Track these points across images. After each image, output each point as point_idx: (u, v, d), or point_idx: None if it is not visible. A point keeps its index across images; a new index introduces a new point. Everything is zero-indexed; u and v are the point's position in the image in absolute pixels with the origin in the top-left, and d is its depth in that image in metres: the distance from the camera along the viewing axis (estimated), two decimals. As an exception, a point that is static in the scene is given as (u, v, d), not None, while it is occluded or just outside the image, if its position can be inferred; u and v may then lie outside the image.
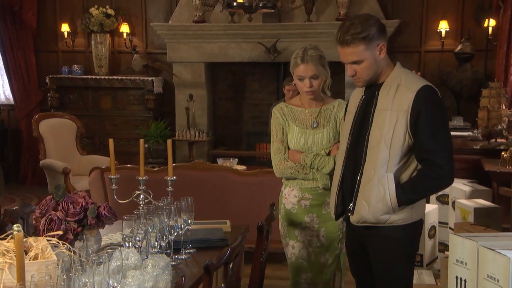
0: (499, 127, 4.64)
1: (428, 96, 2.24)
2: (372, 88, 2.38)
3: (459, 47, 6.83)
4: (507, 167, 3.78)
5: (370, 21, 2.29)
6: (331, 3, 6.91)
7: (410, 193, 2.29)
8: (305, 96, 2.86)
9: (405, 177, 2.31)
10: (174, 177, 2.59)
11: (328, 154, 2.82)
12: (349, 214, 2.41)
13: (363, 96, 2.43)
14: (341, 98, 3.05)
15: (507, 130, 4.48)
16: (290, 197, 2.89)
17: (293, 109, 2.90)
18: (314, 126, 2.85)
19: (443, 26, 7.02)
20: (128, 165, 4.44)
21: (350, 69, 2.34)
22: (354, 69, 2.33)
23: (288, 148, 2.87)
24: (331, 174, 2.72)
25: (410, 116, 2.23)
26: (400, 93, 2.27)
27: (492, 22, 6.62)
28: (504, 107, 4.88)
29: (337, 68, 7.01)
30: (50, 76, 7.62)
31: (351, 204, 2.40)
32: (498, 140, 4.65)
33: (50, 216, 1.99)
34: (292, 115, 2.88)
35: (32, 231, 2.14)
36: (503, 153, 3.90)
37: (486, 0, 6.71)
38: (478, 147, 4.63)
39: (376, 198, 2.29)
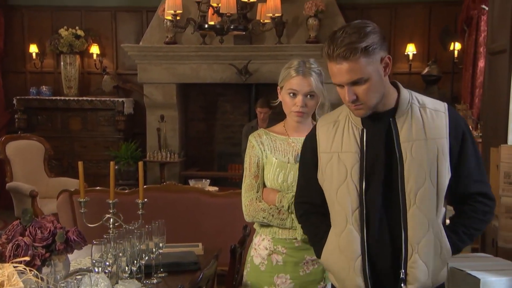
0: (466, 148, 4.72)
1: (460, 116, 1.87)
2: (376, 117, 1.82)
3: (426, 70, 6.99)
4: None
5: (368, 28, 1.74)
6: (301, 26, 7.02)
7: (467, 238, 1.84)
8: (292, 120, 2.31)
9: (442, 219, 1.84)
10: (146, 199, 2.55)
11: None
12: (402, 285, 1.79)
13: (363, 130, 1.84)
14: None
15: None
16: (260, 248, 2.33)
17: (274, 137, 2.34)
18: (298, 159, 2.23)
19: (411, 49, 7.19)
20: (98, 188, 4.36)
21: (349, 92, 1.75)
22: (354, 92, 1.74)
23: (264, 186, 2.32)
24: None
25: (451, 143, 1.79)
26: (428, 116, 1.80)
27: (457, 46, 6.81)
28: (471, 128, 4.99)
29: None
30: (18, 97, 7.49)
31: (401, 271, 1.79)
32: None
33: (17, 242, 1.93)
34: (272, 145, 2.33)
35: (-2, 257, 2.08)
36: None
37: (451, 24, 6.90)
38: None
39: (435, 256, 1.78)
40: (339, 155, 1.85)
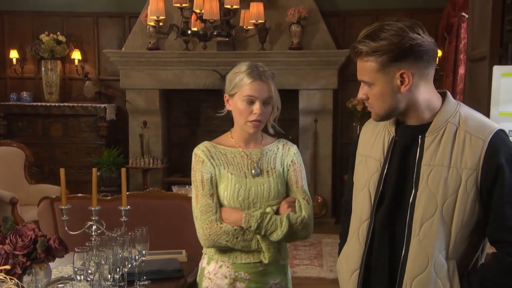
0: (447, 154, 4.78)
1: (508, 147, 1.56)
2: (410, 130, 1.66)
3: (407, 76, 7.06)
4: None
5: (401, 35, 1.54)
6: (284, 33, 7.05)
7: None
8: (245, 131, 2.12)
9: (470, 264, 1.62)
10: (128, 206, 2.53)
11: (276, 213, 2.08)
12: None
13: (395, 138, 1.68)
14: (296, 126, 2.55)
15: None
16: (217, 278, 2.11)
17: (223, 150, 2.14)
18: (255, 173, 2.10)
19: (392, 56, 7.25)
20: (80, 194, 4.31)
21: (361, 90, 1.67)
22: (364, 92, 1.65)
23: (220, 205, 2.10)
24: (278, 243, 2.05)
25: (481, 177, 1.53)
26: (461, 141, 1.56)
27: (438, 53, 6.89)
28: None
29: (290, 96, 7.20)
30: (-3, 103, 7.41)
31: None
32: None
33: (-3, 250, 1.90)
34: (224, 159, 2.12)
35: (-23, 266, 2.04)
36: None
37: (432, 31, 6.98)
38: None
39: None
40: (367, 160, 1.74)
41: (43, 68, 7.54)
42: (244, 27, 5.28)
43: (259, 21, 5.09)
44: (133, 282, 2.35)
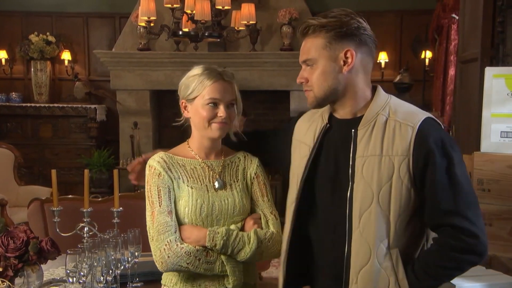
0: (438, 155, 4.80)
1: (439, 133, 1.57)
2: (343, 124, 1.68)
3: (398, 78, 7.09)
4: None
5: (350, 16, 1.63)
6: (275, 34, 7.05)
7: (428, 278, 1.54)
8: (208, 136, 1.90)
9: (416, 252, 1.60)
10: (121, 208, 2.52)
11: (242, 229, 1.89)
12: None
13: (327, 125, 1.71)
14: None
15: (446, 157, 4.65)
16: None
17: (182, 161, 1.91)
18: (218, 187, 1.89)
19: (383, 57, 7.29)
20: (70, 196, 4.28)
21: (301, 73, 1.71)
22: (305, 75, 1.68)
23: (179, 223, 1.87)
24: (245, 264, 1.86)
25: (413, 163, 1.53)
26: (391, 130, 1.58)
27: (428, 54, 6.93)
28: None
29: (281, 97, 7.21)
30: (-14, 104, 7.35)
31: None
32: (438, 167, 4.81)
33: (-12, 252, 1.88)
34: (183, 171, 1.89)
35: (-32, 268, 2.02)
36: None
37: (423, 33, 7.02)
38: (419, 174, 4.77)
39: None
40: (300, 145, 1.78)
41: (32, 69, 7.48)
42: (236, 28, 5.28)
43: (251, 22, 5.09)
44: (125, 284, 2.34)
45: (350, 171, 1.61)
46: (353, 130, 1.63)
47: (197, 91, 1.88)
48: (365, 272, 1.57)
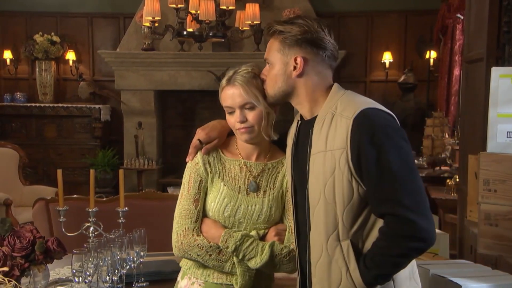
0: (443, 155, 4.80)
1: (372, 122, 1.55)
2: (306, 124, 1.73)
3: (402, 78, 7.08)
4: (452, 194, 3.91)
5: (309, 26, 1.66)
6: (280, 34, 7.04)
7: (375, 267, 1.53)
8: (240, 139, 1.88)
9: (370, 243, 1.59)
10: (126, 208, 2.52)
11: (263, 238, 1.85)
12: None
13: (299, 122, 1.79)
14: None
15: (451, 158, 4.64)
16: None
17: (224, 158, 1.91)
18: (251, 189, 1.87)
19: (387, 57, 7.28)
20: (75, 196, 4.29)
21: (264, 69, 1.80)
22: (265, 72, 1.79)
23: (204, 215, 1.90)
24: (258, 271, 1.83)
25: (350, 155, 1.54)
26: (334, 125, 1.60)
27: (433, 54, 6.92)
28: (447, 136, 5.07)
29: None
30: (-9, 104, 7.37)
31: None
32: (443, 168, 4.81)
33: (-5, 252, 1.89)
34: (221, 168, 1.90)
35: (-26, 268, 2.03)
36: (448, 180, 4.03)
37: (427, 33, 7.01)
38: (424, 175, 4.77)
39: (335, 283, 1.59)
40: (287, 148, 1.85)
41: (37, 69, 7.50)
42: (240, 28, 5.27)
43: (255, 22, 5.08)
44: (131, 284, 2.33)
45: (307, 169, 1.66)
46: (310, 130, 1.68)
47: (220, 94, 1.89)
48: (320, 265, 1.62)
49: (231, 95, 1.82)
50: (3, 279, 1.72)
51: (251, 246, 1.79)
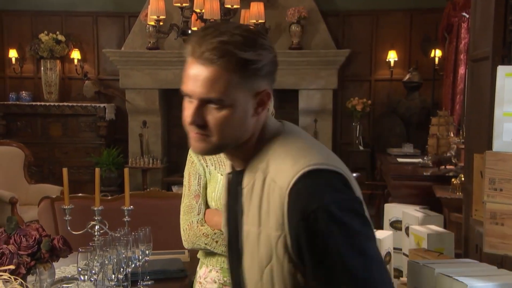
0: (448, 154, 4.79)
1: (313, 198, 1.11)
2: (236, 175, 1.30)
3: (407, 76, 7.07)
4: (457, 193, 3.89)
5: (263, 41, 1.20)
6: (284, 32, 7.05)
7: None
8: None
9: None
10: (131, 206, 2.53)
11: None
12: None
13: (230, 175, 1.34)
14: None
15: (456, 157, 4.63)
16: (206, 282, 2.01)
17: None
18: None
19: (392, 56, 7.26)
20: (80, 194, 4.31)
21: (197, 112, 1.21)
22: (203, 114, 1.20)
23: (207, 207, 2.02)
24: None
25: (290, 243, 1.13)
26: (266, 194, 1.17)
27: (438, 53, 6.90)
28: (452, 134, 5.05)
29: (290, 96, 7.20)
30: (-4, 102, 7.40)
31: None
32: (448, 167, 4.80)
33: (1, 250, 1.89)
34: (216, 159, 2.00)
35: (-19, 266, 2.04)
36: (453, 179, 4.02)
37: (432, 32, 6.99)
38: (429, 174, 4.76)
39: None
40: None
41: (42, 68, 7.53)
42: (245, 27, 5.27)
43: (259, 21, 5.09)
44: (136, 282, 2.34)
45: (240, 243, 1.26)
46: (239, 187, 1.25)
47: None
48: None
49: None
50: (10, 277, 1.73)
51: None
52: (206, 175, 2.01)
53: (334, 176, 1.15)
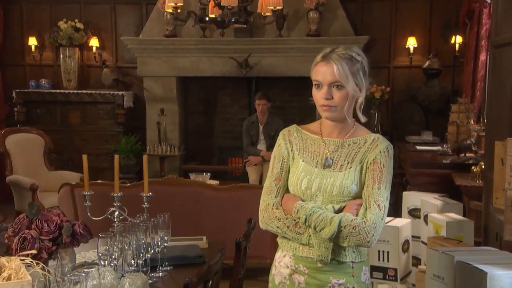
0: (468, 142, 4.73)
1: None
2: None
3: (427, 63, 6.97)
4: (477, 181, 3.85)
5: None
6: (302, 19, 6.99)
7: None
8: (322, 115, 1.99)
9: None
10: (150, 193, 2.55)
11: (338, 211, 1.92)
12: None
13: None
14: (313, 114, 2.27)
15: (476, 144, 4.57)
16: (280, 266, 2.02)
17: (305, 136, 2.03)
18: (327, 165, 1.96)
19: (411, 42, 7.17)
20: (99, 181, 4.36)
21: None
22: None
23: (287, 191, 2.02)
24: (336, 243, 1.89)
25: None
26: None
27: (458, 39, 6.79)
28: (472, 122, 4.99)
29: (307, 83, 7.12)
30: (17, 90, 7.46)
31: None
32: (468, 154, 4.74)
33: (23, 235, 1.93)
34: (302, 144, 2.02)
35: (4, 250, 2.08)
36: (473, 167, 3.97)
37: (453, 18, 6.88)
38: (448, 162, 4.70)
39: None
40: None
41: (61, 55, 7.58)
42: (262, 13, 5.24)
43: (277, 8, 5.05)
44: (155, 268, 2.37)
45: None
46: None
47: (312, 68, 1.97)
48: None
49: (324, 71, 1.90)
50: (32, 262, 1.75)
51: (320, 217, 1.85)
52: (289, 159, 2.01)
53: None
